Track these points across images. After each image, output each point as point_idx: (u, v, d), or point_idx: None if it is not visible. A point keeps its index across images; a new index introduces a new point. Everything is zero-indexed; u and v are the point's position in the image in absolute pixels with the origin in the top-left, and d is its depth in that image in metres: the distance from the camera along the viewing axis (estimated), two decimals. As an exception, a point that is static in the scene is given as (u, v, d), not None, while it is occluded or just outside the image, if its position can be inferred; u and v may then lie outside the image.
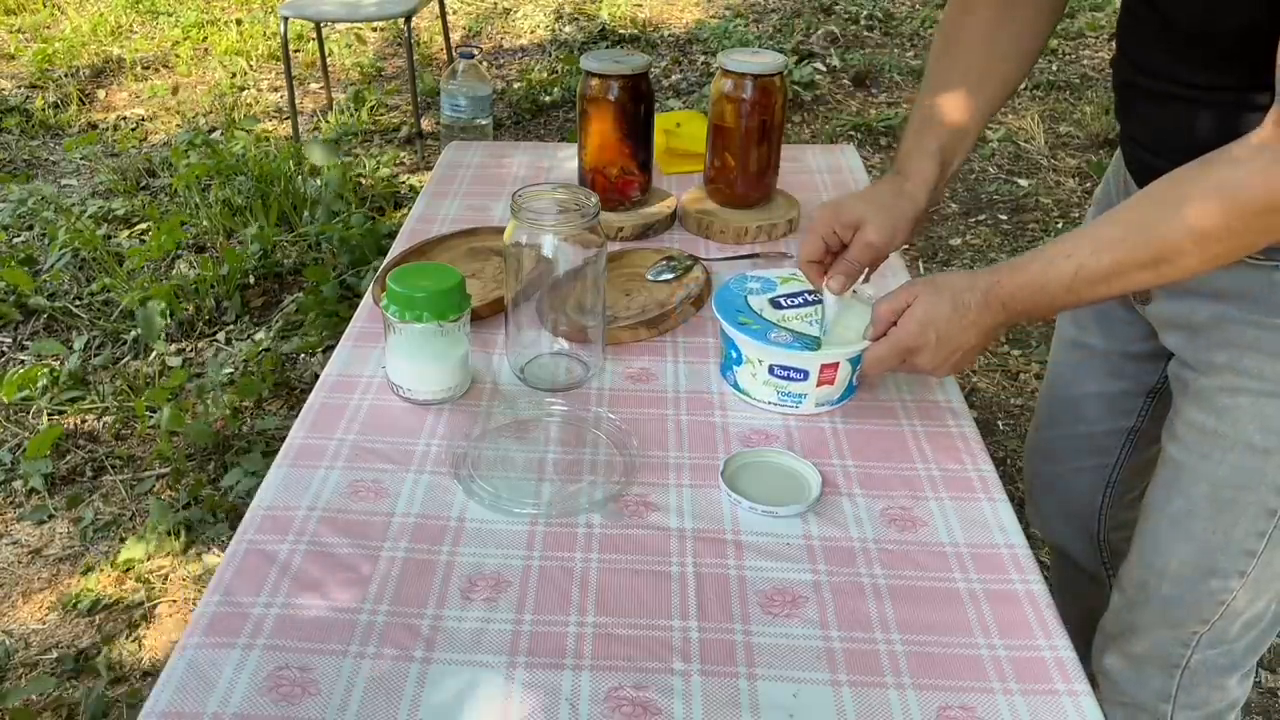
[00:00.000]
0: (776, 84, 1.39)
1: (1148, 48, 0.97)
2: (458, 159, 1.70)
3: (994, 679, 0.78)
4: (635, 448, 1.02)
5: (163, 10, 5.25)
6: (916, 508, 0.96)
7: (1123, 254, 0.88)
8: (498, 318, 1.23)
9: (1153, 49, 0.96)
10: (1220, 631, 1.05)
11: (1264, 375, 0.95)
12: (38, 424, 2.36)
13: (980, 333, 0.97)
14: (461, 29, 5.05)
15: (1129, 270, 0.88)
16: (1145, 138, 1.01)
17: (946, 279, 0.99)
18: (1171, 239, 0.85)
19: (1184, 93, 0.93)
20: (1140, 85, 0.99)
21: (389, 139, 3.90)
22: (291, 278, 2.94)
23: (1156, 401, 1.20)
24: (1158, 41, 0.95)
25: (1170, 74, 0.94)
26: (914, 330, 0.98)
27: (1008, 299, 0.94)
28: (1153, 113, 0.99)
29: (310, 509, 0.94)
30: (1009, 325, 1.00)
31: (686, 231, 1.46)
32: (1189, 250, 0.85)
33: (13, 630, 1.87)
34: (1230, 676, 1.09)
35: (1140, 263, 0.88)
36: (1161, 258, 0.86)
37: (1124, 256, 0.88)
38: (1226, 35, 0.86)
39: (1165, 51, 0.94)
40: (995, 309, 0.95)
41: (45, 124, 4.04)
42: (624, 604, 0.84)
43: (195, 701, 0.75)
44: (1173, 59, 0.93)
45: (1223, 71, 0.87)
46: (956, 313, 0.96)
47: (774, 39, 4.80)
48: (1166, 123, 0.97)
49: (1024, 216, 3.33)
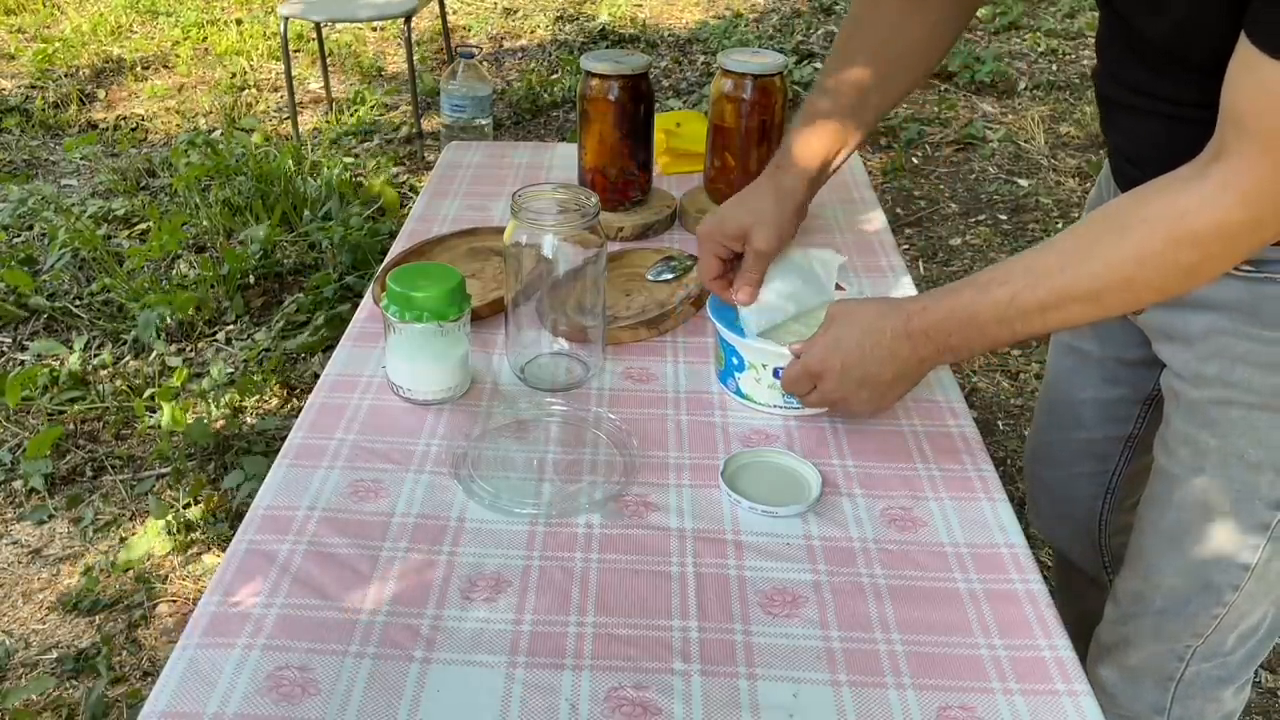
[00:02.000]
0: (776, 84, 1.39)
1: (1126, 62, 0.94)
2: (458, 159, 1.70)
3: (994, 679, 0.78)
4: (635, 448, 1.02)
5: (163, 10, 5.25)
6: (916, 508, 0.96)
7: (1061, 284, 0.84)
8: (498, 318, 1.23)
9: (1130, 64, 0.93)
10: (1215, 645, 1.04)
11: (1255, 388, 0.92)
12: (38, 424, 2.36)
13: (899, 365, 0.93)
14: (461, 29, 5.05)
15: (1066, 303, 0.85)
16: (1128, 150, 0.99)
17: (864, 306, 0.97)
18: (1115, 269, 0.82)
19: (1162, 108, 0.90)
20: (1120, 99, 0.97)
21: (389, 139, 3.90)
22: (291, 278, 2.94)
23: (1153, 409, 1.18)
24: (1134, 56, 0.92)
25: (1149, 89, 0.91)
26: (818, 354, 0.96)
27: (931, 329, 0.90)
28: (1133, 126, 0.96)
29: (310, 509, 0.94)
30: (939, 360, 0.94)
31: (686, 231, 1.46)
32: (1133, 281, 0.82)
33: (13, 630, 1.86)
34: (1226, 689, 1.08)
35: (1080, 294, 0.84)
36: (1104, 289, 0.83)
37: (1062, 286, 0.84)
38: (1198, 54, 0.83)
39: (1141, 67, 0.91)
40: (917, 339, 0.91)
41: (45, 124, 4.04)
42: (624, 604, 0.84)
43: (195, 701, 0.75)
44: (1150, 74, 0.90)
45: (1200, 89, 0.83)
46: (867, 338, 0.93)
47: (774, 39, 4.80)
48: (1146, 136, 0.94)
49: (1024, 216, 3.33)
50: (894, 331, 0.92)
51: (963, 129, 3.95)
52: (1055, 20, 5.05)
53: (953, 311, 0.90)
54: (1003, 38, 4.91)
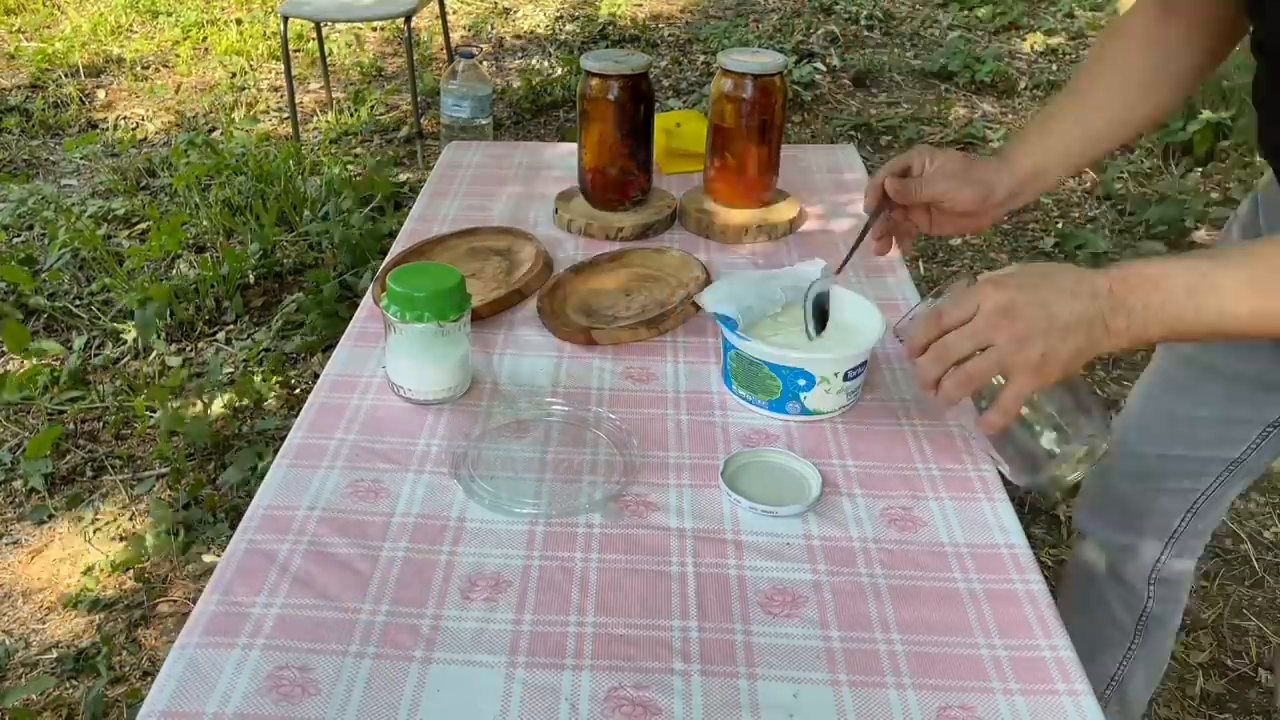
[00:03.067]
0: (776, 84, 1.39)
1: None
2: (458, 159, 1.70)
3: (994, 679, 0.78)
4: (635, 448, 1.02)
5: (163, 10, 5.25)
6: (916, 508, 0.96)
7: (1267, 271, 0.79)
8: (498, 318, 1.23)
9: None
10: None
11: None
12: (38, 424, 2.36)
13: (1077, 308, 0.81)
14: (461, 29, 5.05)
15: (1270, 295, 0.79)
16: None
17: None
18: None
19: None
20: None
21: (389, 139, 3.90)
22: (291, 278, 2.94)
23: (1273, 436, 1.14)
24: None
25: None
26: (988, 290, 0.84)
27: (1116, 280, 0.82)
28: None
29: (310, 509, 0.94)
30: (1115, 323, 0.82)
31: (686, 231, 1.46)
32: None
33: (13, 630, 1.87)
34: None
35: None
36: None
37: (1269, 273, 0.79)
38: None
39: None
40: (1099, 285, 0.82)
41: (45, 124, 4.04)
42: (624, 604, 0.84)
43: (195, 701, 0.75)
44: None
45: None
46: (1049, 271, 0.84)
47: (774, 39, 4.80)
48: None
49: (1024, 216, 3.33)
50: (1078, 274, 0.83)
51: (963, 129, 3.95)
52: (1055, 20, 5.05)
53: (1144, 266, 0.82)
54: (1003, 38, 4.91)
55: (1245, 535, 2.11)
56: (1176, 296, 0.80)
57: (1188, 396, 1.18)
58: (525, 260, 1.34)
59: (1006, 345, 0.82)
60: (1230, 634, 1.90)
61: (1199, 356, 1.16)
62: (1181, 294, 0.80)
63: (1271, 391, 1.11)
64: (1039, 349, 0.82)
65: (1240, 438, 1.16)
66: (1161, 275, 0.81)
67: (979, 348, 0.84)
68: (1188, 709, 1.76)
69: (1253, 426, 1.15)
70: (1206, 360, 1.15)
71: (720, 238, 1.43)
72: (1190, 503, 1.22)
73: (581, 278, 1.32)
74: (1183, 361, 1.19)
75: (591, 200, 1.47)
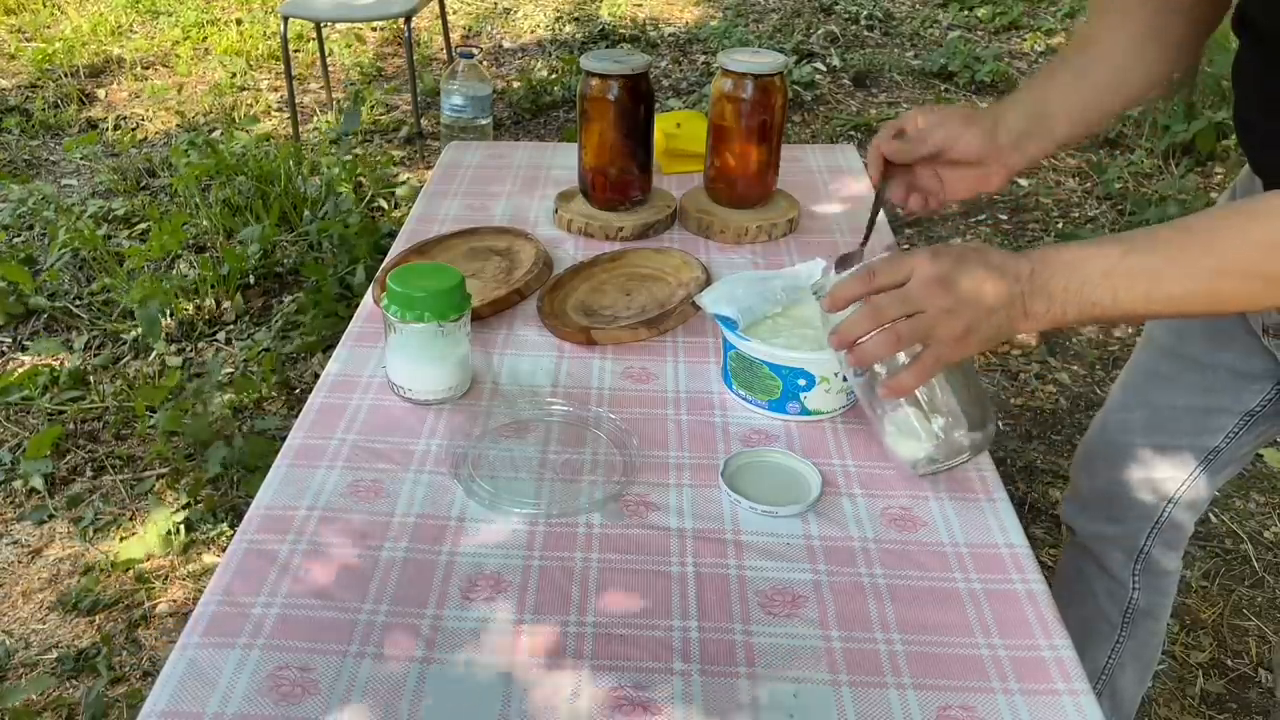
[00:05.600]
0: (776, 84, 1.39)
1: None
2: (458, 159, 1.70)
3: (994, 679, 0.78)
4: (635, 448, 1.02)
5: (163, 10, 5.25)
6: (916, 508, 0.96)
7: (1179, 254, 0.81)
8: (498, 318, 1.23)
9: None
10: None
11: None
12: (38, 424, 2.36)
13: (997, 289, 0.83)
14: (461, 29, 5.05)
15: (1180, 279, 0.81)
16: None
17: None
18: (1239, 251, 0.78)
19: None
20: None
21: (389, 139, 3.90)
22: (291, 278, 2.94)
23: (1250, 425, 1.15)
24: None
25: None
26: (919, 255, 0.85)
27: (1038, 262, 0.83)
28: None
29: (310, 509, 0.94)
30: (1035, 306, 0.83)
31: (686, 231, 1.46)
32: (1254, 271, 0.78)
33: (13, 630, 1.86)
34: None
35: (1198, 272, 0.80)
36: (1223, 270, 0.79)
37: (1180, 257, 0.81)
38: None
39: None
40: (1021, 266, 0.83)
41: (45, 124, 4.04)
42: (624, 604, 0.84)
43: (195, 701, 0.75)
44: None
45: None
46: (971, 250, 0.86)
47: (774, 39, 4.80)
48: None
49: (1024, 216, 3.33)
50: (1004, 255, 0.85)
51: (963, 129, 3.94)
52: (1055, 20, 5.05)
53: (1063, 250, 0.84)
54: (1003, 38, 4.91)
55: (1245, 535, 2.11)
56: (1093, 279, 0.82)
57: (1167, 387, 1.20)
58: (525, 260, 1.34)
59: (936, 314, 0.84)
60: (1230, 634, 1.90)
61: (1178, 348, 1.18)
62: (1098, 277, 0.82)
63: (1249, 381, 1.13)
64: (964, 322, 0.84)
65: (1219, 426, 1.18)
66: (1079, 259, 0.83)
67: (908, 313, 0.85)
68: (1188, 709, 1.76)
69: (1230, 415, 1.17)
70: (1185, 351, 1.17)
71: (720, 238, 1.43)
72: (1171, 492, 1.24)
73: (581, 278, 1.32)
74: (1162, 353, 1.21)
75: (591, 200, 1.47)
